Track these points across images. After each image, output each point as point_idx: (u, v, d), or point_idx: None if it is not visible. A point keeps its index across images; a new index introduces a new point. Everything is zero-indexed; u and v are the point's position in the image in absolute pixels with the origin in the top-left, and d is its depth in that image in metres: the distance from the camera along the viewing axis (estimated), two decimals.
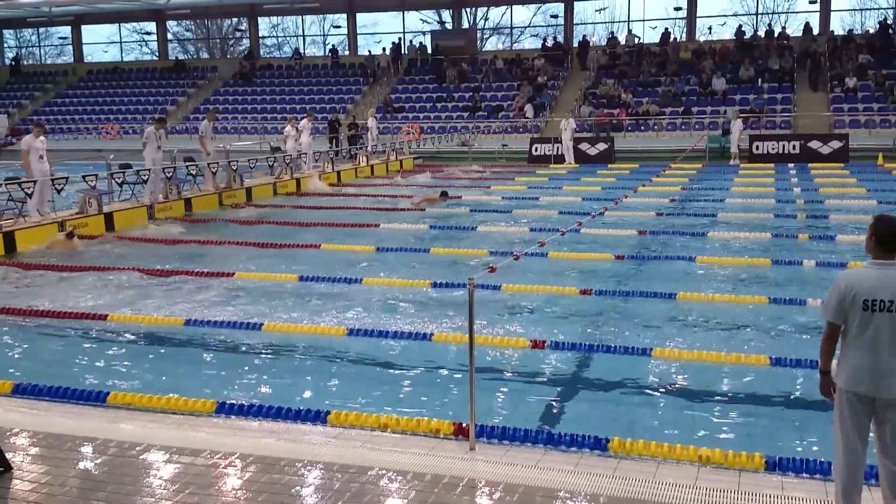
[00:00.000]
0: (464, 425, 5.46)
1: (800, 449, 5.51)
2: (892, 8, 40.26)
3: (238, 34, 52.51)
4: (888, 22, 35.82)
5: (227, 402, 6.23)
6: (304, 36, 50.77)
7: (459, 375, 6.91)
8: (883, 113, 28.67)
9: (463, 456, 5.19)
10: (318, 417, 5.87)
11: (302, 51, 46.60)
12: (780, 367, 6.96)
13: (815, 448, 5.43)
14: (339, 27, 47.42)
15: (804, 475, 4.88)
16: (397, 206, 17.82)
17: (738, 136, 26.06)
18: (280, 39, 53.69)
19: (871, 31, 34.83)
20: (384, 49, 41.46)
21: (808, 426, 5.92)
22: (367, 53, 41.88)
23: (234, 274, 10.94)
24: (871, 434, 4.19)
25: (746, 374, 7.01)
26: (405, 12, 44.60)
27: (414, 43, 42.61)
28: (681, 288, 9.84)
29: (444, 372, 7.32)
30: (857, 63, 31.49)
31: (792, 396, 6.56)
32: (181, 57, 51.00)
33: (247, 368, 7.48)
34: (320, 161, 24.04)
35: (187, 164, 18.68)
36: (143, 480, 4.92)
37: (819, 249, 12.18)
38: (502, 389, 6.88)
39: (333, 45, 45.40)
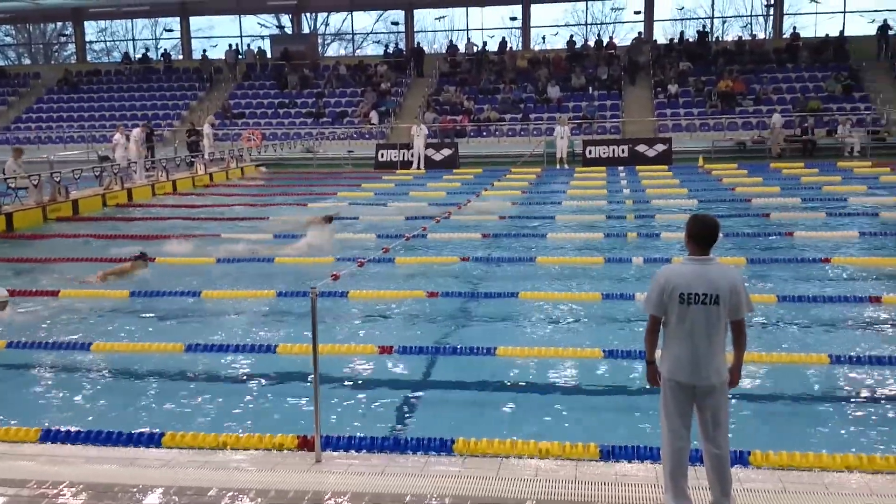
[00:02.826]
0: (308, 437, 5.37)
1: (626, 435, 5.79)
2: (709, 18, 43.42)
3: (63, 39, 49.34)
4: (705, 30, 38.58)
5: (54, 428, 5.81)
6: (134, 40, 48.39)
7: (306, 387, 6.79)
8: (702, 117, 30.81)
9: (308, 469, 5.10)
10: (153, 440, 5.58)
11: (132, 55, 44.40)
12: (613, 359, 7.31)
13: (646, 435, 5.72)
14: (171, 31, 45.58)
15: (636, 461, 5.14)
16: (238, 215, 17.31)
17: (566, 143, 27.13)
18: (109, 44, 50.98)
19: (691, 39, 37.38)
20: (224, 52, 40.16)
21: (640, 414, 6.24)
22: (202, 58, 40.48)
23: (59, 292, 10.25)
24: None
25: (583, 368, 7.31)
26: (242, 16, 43.49)
27: (252, 48, 41.63)
28: (523, 287, 10.16)
29: (291, 384, 7.18)
30: (679, 70, 33.70)
31: (624, 386, 6.90)
32: (1, 63, 47.30)
33: (75, 392, 7.01)
34: (153, 170, 23.00)
35: (6, 177, 17.34)
36: None
37: (646, 246, 12.91)
38: (350, 398, 6.83)
39: (166, 50, 43.50)
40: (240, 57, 39.73)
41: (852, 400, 6.56)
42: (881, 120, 28.77)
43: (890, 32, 33.83)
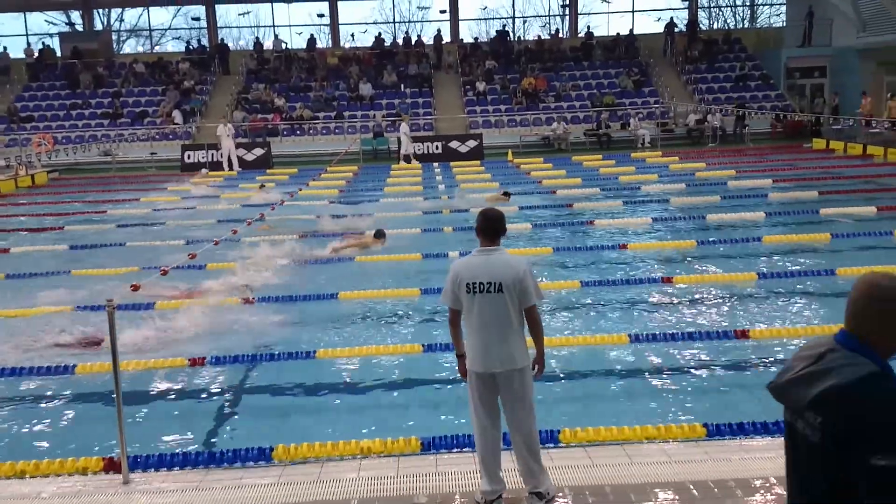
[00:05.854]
0: (115, 459, 5.05)
1: (446, 426, 5.91)
2: (511, 18, 45.18)
3: None
4: (506, 30, 40.09)
5: None
6: None
7: (111, 406, 6.38)
8: (509, 114, 32.03)
9: (115, 491, 4.80)
10: None
11: None
12: (432, 353, 7.43)
13: (465, 424, 5.85)
14: None
15: (456, 450, 5.26)
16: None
17: (408, 140, 27.13)
18: None
19: (494, 38, 38.65)
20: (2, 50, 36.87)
21: (459, 405, 6.38)
22: None
23: None
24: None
25: (404, 363, 7.38)
26: (27, 13, 40.14)
27: (39, 46, 38.52)
28: (342, 287, 10.09)
29: (94, 405, 6.72)
30: (485, 69, 34.80)
31: (444, 379, 7.03)
32: None
33: None
34: None
35: None
36: None
37: (461, 240, 13.22)
38: (161, 414, 6.50)
39: None
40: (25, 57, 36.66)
41: (650, 375, 7.05)
42: (669, 113, 31.22)
43: (675, 30, 36.76)
